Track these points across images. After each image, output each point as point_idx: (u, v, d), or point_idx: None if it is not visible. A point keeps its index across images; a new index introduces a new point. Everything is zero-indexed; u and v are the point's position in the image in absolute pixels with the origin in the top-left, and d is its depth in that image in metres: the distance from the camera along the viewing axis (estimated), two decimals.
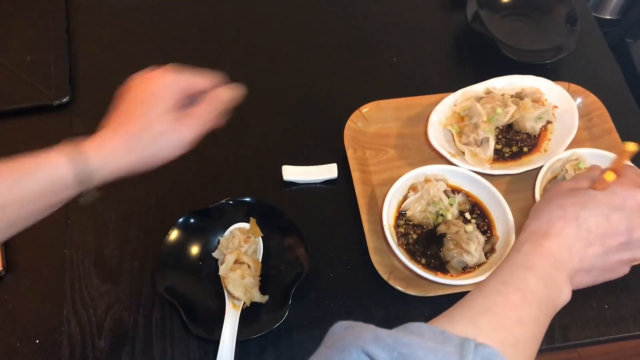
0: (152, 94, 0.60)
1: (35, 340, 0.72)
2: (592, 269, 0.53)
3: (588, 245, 0.52)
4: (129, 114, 0.60)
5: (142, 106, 0.60)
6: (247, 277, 0.72)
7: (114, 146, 0.58)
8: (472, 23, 0.97)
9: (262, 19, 1.02)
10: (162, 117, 0.59)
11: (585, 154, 0.83)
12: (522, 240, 0.53)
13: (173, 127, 0.59)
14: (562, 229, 0.52)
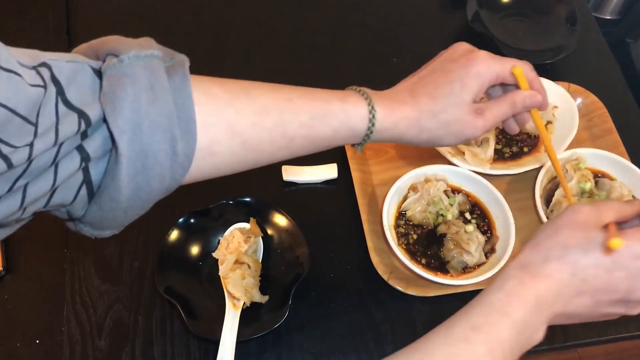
0: (466, 75, 0.57)
1: (35, 341, 0.72)
2: (577, 316, 0.50)
3: (577, 294, 0.48)
4: (432, 87, 0.58)
5: (450, 86, 0.57)
6: (247, 277, 0.72)
7: (403, 114, 0.56)
8: (472, 23, 0.97)
9: (262, 20, 1.02)
10: (462, 105, 0.57)
11: (585, 154, 0.83)
12: (510, 273, 0.49)
13: (466, 119, 0.57)
14: (555, 271, 0.48)
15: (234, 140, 0.50)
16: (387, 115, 0.56)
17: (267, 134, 0.52)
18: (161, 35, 1.01)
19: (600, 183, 0.82)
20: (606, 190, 0.80)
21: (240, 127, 0.50)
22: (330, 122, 0.54)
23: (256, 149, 0.52)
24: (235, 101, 0.52)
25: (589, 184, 0.80)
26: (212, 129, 0.49)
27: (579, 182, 0.80)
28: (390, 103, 0.57)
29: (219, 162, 0.51)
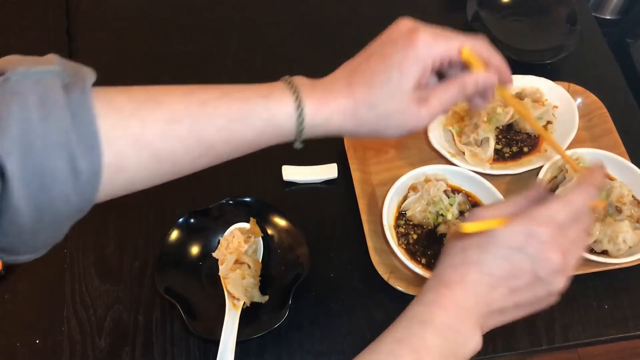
0: (405, 60, 0.51)
1: (35, 341, 0.72)
2: (505, 309, 0.50)
3: (492, 289, 0.49)
4: (369, 74, 0.52)
5: (387, 72, 0.51)
6: (247, 277, 0.72)
7: (337, 107, 0.52)
8: (472, 23, 0.97)
9: (262, 20, 1.02)
10: (401, 94, 0.51)
11: (585, 154, 0.83)
12: (426, 288, 0.50)
13: (407, 110, 0.52)
14: (464, 274, 0.49)
15: (143, 153, 0.46)
16: (319, 109, 0.51)
17: (180, 143, 0.48)
18: (161, 35, 1.02)
19: None
20: (606, 190, 0.80)
21: (148, 138, 0.46)
22: (253, 123, 0.50)
23: (170, 159, 0.48)
24: (141, 110, 0.47)
25: None
26: (118, 143, 0.45)
27: None
28: (322, 95, 0.52)
29: (132, 176, 0.48)
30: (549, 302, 0.52)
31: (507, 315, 0.51)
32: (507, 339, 0.73)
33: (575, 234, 0.50)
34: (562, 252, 0.48)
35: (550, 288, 0.50)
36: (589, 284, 0.78)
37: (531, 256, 0.48)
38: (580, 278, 0.77)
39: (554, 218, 0.48)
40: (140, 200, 0.82)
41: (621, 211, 0.78)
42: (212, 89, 0.50)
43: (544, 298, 0.51)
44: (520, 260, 0.48)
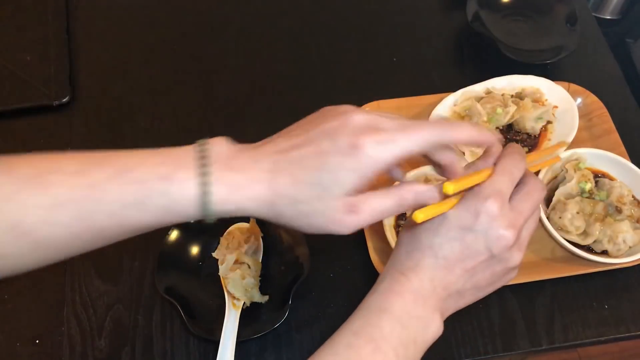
0: (341, 167, 0.44)
1: (35, 341, 0.72)
2: (464, 291, 0.49)
3: (448, 272, 0.48)
4: (298, 167, 0.46)
5: (319, 174, 0.45)
6: (247, 277, 0.72)
7: (253, 195, 0.45)
8: (472, 23, 0.97)
9: (262, 19, 1.02)
10: (329, 200, 0.46)
11: (585, 154, 0.83)
12: (381, 277, 0.49)
13: (333, 215, 0.46)
14: (419, 260, 0.48)
15: (22, 241, 0.42)
16: (230, 194, 0.44)
17: (65, 231, 0.43)
18: (161, 35, 1.02)
19: (600, 183, 0.82)
20: (606, 190, 0.80)
21: (27, 226, 0.42)
22: (150, 209, 0.44)
23: (55, 247, 0.44)
24: (23, 192, 0.42)
25: (589, 184, 0.80)
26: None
27: (579, 182, 0.80)
28: (237, 178, 0.45)
29: (13, 263, 0.44)
30: (508, 279, 0.51)
31: (467, 297, 0.50)
32: (507, 339, 0.74)
33: (525, 204, 0.49)
34: (513, 226, 0.47)
35: (507, 265, 0.49)
36: (589, 284, 0.78)
37: (483, 234, 0.47)
38: (580, 278, 0.77)
39: (499, 191, 0.47)
40: None
41: (621, 211, 0.78)
42: (107, 166, 0.44)
43: (501, 275, 0.50)
44: (472, 240, 0.47)
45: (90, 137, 0.88)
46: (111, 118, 0.90)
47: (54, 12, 0.99)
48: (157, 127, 0.89)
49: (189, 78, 0.95)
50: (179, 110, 0.91)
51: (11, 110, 0.89)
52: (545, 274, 0.76)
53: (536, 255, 0.79)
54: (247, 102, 0.93)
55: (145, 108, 0.91)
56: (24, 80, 0.91)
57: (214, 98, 0.93)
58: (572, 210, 0.77)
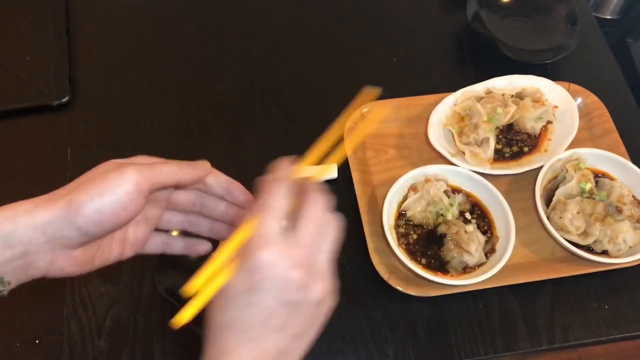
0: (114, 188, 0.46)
1: (35, 340, 0.72)
2: (286, 349, 0.43)
3: (259, 341, 0.42)
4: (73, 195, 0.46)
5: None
6: None
7: (47, 208, 0.47)
8: (472, 23, 0.97)
9: (262, 19, 1.02)
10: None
11: (585, 154, 0.83)
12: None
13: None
14: (224, 344, 0.44)
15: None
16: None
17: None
18: (161, 35, 1.02)
19: (601, 183, 0.82)
20: (606, 190, 0.80)
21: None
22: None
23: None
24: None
25: (589, 184, 0.80)
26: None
27: (579, 182, 0.80)
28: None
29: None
30: (324, 310, 0.45)
31: (296, 350, 0.44)
32: (507, 339, 0.74)
33: (306, 230, 0.43)
34: (296, 264, 0.41)
35: (311, 302, 0.43)
36: (589, 284, 0.78)
37: (269, 288, 0.41)
38: (580, 278, 0.77)
39: (267, 235, 0.42)
40: None
41: (621, 211, 0.78)
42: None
43: (314, 313, 0.44)
44: (263, 298, 0.41)
45: (90, 137, 0.88)
46: (111, 118, 0.90)
47: (54, 12, 0.99)
48: (157, 127, 0.89)
49: (189, 78, 0.95)
50: (179, 110, 0.91)
51: (11, 110, 0.89)
52: (545, 274, 0.76)
53: (536, 255, 0.79)
54: (246, 102, 0.93)
55: (145, 108, 0.91)
56: (24, 80, 0.91)
57: (213, 98, 0.93)
58: (573, 210, 0.77)
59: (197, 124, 0.90)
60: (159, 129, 0.89)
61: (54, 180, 0.83)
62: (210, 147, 0.88)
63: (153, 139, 0.88)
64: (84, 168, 0.88)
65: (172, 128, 0.89)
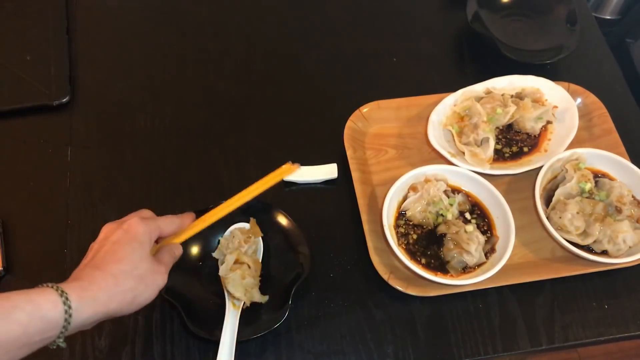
0: (133, 237, 0.59)
1: None
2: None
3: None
4: (112, 253, 0.58)
5: (125, 248, 0.58)
6: (247, 277, 0.72)
7: (99, 285, 0.55)
8: (472, 23, 0.97)
9: (262, 19, 1.02)
10: (143, 261, 0.59)
11: (585, 154, 0.83)
12: None
13: (152, 271, 0.60)
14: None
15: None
16: (82, 291, 0.53)
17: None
18: (161, 35, 1.02)
19: (600, 183, 0.82)
20: (606, 190, 0.80)
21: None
22: (18, 317, 0.49)
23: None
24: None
25: (589, 184, 0.80)
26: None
27: (579, 182, 0.80)
28: (78, 282, 0.54)
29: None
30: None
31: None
32: (507, 339, 0.74)
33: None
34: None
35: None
36: (588, 284, 0.78)
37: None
38: (580, 278, 0.78)
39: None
40: (140, 201, 0.82)
41: (621, 211, 0.78)
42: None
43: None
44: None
45: (90, 137, 0.88)
46: (111, 118, 0.90)
47: (54, 12, 0.99)
48: (157, 127, 0.89)
49: (189, 78, 0.95)
50: (179, 110, 0.91)
51: (11, 110, 0.89)
52: (545, 274, 0.76)
53: (536, 255, 0.79)
54: (246, 102, 0.93)
55: (145, 108, 0.91)
56: (24, 80, 0.91)
57: (213, 98, 0.93)
58: (572, 210, 0.77)
59: (197, 124, 0.90)
60: (159, 129, 0.89)
61: (54, 180, 0.84)
62: (209, 147, 0.88)
63: (153, 139, 0.88)
64: (84, 168, 0.89)
65: (172, 128, 0.89)
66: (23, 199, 0.82)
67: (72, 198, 0.82)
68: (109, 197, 0.83)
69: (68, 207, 0.82)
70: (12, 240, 0.78)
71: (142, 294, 0.58)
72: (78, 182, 0.84)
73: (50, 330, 0.51)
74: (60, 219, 0.80)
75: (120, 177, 0.85)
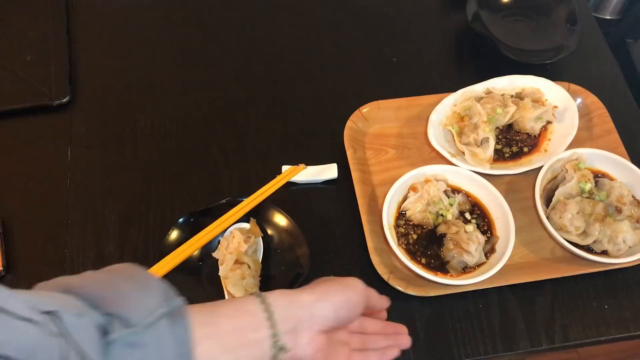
0: (339, 308, 0.54)
1: None
2: None
3: None
4: (323, 281, 0.56)
5: (343, 280, 0.56)
6: (247, 277, 0.72)
7: (301, 297, 0.53)
8: (472, 23, 0.97)
9: (262, 20, 1.02)
10: (357, 282, 0.57)
11: (585, 154, 0.83)
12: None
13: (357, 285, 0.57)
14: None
15: None
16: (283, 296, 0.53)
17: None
18: (161, 35, 1.02)
19: (600, 183, 0.82)
20: (606, 190, 0.80)
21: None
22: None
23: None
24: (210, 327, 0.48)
25: (589, 184, 0.80)
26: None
27: (579, 182, 0.80)
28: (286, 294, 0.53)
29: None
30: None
31: None
32: (507, 339, 0.74)
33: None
34: None
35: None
36: (589, 284, 0.78)
37: None
38: (580, 278, 0.78)
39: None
40: (140, 201, 0.82)
41: (621, 211, 0.78)
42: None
43: None
44: None
45: (90, 137, 0.88)
46: (111, 118, 0.90)
47: (54, 12, 0.99)
48: (157, 127, 0.89)
49: (189, 77, 0.95)
50: (179, 110, 0.91)
51: (11, 110, 0.89)
52: (545, 274, 0.76)
53: (536, 255, 0.79)
54: (247, 102, 0.93)
55: (145, 108, 0.91)
56: (24, 80, 0.91)
57: (214, 98, 0.93)
58: (572, 210, 0.77)
59: (197, 124, 0.90)
60: (159, 129, 0.89)
61: (54, 180, 0.84)
62: (210, 147, 0.88)
63: (153, 139, 0.88)
64: (84, 168, 0.89)
65: (172, 128, 0.89)
66: (23, 199, 0.82)
67: (72, 198, 0.82)
68: (109, 197, 0.83)
69: (68, 207, 0.82)
70: (12, 240, 0.78)
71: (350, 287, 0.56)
72: (78, 182, 0.84)
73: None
74: (60, 219, 0.80)
75: (120, 177, 0.85)
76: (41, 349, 0.37)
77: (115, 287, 0.45)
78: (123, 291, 0.44)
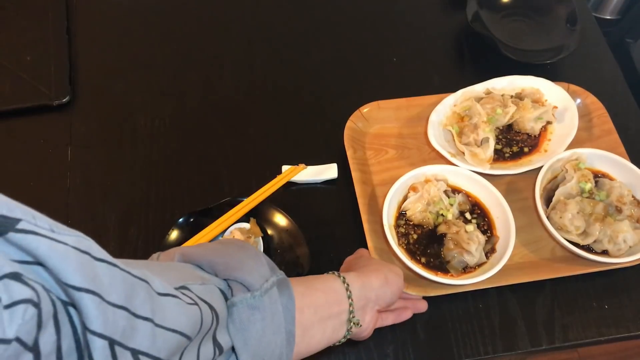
0: (393, 294, 0.62)
1: None
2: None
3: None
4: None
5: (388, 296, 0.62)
6: None
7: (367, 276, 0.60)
8: (472, 23, 0.97)
9: (262, 19, 1.02)
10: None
11: (585, 154, 0.83)
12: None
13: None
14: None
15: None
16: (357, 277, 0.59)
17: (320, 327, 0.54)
18: (161, 35, 1.02)
19: (600, 183, 0.82)
20: (606, 190, 0.80)
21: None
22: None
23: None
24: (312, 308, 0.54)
25: (589, 184, 0.80)
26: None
27: (579, 182, 0.80)
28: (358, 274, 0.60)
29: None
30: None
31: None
32: (507, 339, 0.74)
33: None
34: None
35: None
36: (589, 284, 0.78)
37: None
38: (580, 278, 0.78)
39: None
40: (140, 201, 0.82)
41: (621, 211, 0.78)
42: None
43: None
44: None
45: (90, 137, 0.88)
46: (111, 118, 0.90)
47: (54, 12, 0.99)
48: (157, 127, 0.89)
49: (189, 78, 0.95)
50: (179, 110, 0.91)
51: (11, 110, 0.89)
52: (545, 274, 0.76)
53: (536, 255, 0.79)
54: (247, 102, 0.93)
55: (145, 108, 0.91)
56: (24, 80, 0.91)
57: (213, 97, 0.93)
58: (572, 210, 0.77)
59: (197, 124, 0.90)
60: (159, 129, 0.89)
61: (54, 180, 0.84)
62: (209, 147, 0.88)
63: (153, 139, 0.88)
64: (84, 168, 0.89)
65: (172, 128, 0.89)
66: (23, 199, 0.82)
67: (72, 198, 0.82)
68: (109, 197, 0.83)
69: (68, 207, 0.82)
70: None
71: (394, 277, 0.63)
72: (78, 182, 0.84)
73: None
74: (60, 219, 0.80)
75: (120, 177, 0.85)
76: (187, 315, 0.40)
77: (232, 256, 0.49)
78: (241, 259, 0.49)
